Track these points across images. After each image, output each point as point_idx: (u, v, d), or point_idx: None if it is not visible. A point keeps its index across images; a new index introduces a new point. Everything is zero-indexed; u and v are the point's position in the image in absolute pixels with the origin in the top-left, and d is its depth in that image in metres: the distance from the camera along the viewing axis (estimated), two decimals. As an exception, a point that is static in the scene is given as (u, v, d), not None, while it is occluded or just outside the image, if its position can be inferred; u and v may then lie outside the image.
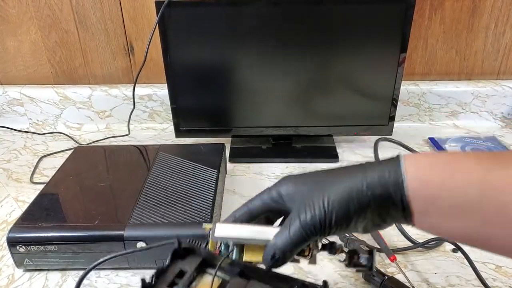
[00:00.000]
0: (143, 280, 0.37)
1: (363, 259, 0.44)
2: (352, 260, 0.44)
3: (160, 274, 0.39)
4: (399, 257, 0.63)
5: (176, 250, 0.42)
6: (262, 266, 0.40)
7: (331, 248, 0.43)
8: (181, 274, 0.40)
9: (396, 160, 0.35)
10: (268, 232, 0.39)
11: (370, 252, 0.44)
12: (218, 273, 0.40)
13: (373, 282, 0.57)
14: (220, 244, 0.41)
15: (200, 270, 0.41)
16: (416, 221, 0.35)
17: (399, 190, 0.33)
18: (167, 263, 0.41)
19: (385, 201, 0.34)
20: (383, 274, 0.56)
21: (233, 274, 0.40)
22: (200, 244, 0.43)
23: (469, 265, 0.60)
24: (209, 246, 0.42)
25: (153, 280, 0.38)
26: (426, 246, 0.64)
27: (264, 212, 0.41)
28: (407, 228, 0.66)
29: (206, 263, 0.41)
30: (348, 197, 0.35)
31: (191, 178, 0.70)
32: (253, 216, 0.41)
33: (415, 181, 0.33)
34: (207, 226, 0.42)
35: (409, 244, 0.64)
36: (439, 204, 0.32)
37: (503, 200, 0.30)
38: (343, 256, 0.44)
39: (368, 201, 0.34)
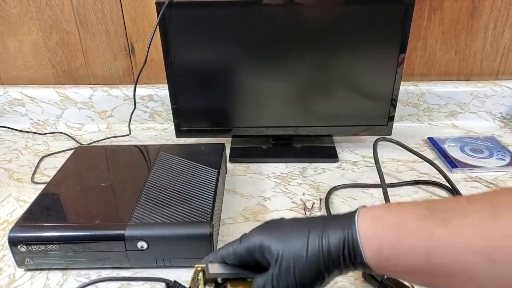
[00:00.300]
0: None
1: None
2: None
3: None
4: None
5: None
6: None
7: None
8: None
9: (351, 225, 0.38)
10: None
11: None
12: None
13: (371, 282, 0.57)
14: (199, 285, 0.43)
15: None
16: (378, 274, 0.40)
17: (359, 258, 0.37)
18: None
19: (348, 267, 0.38)
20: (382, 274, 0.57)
21: None
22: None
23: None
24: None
25: None
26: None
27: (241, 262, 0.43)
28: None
29: None
30: (315, 270, 0.38)
31: (191, 178, 0.70)
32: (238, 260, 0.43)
33: (370, 249, 0.36)
34: (198, 265, 0.45)
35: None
36: (391, 266, 0.35)
37: (447, 261, 0.31)
38: None
39: (331, 269, 0.38)
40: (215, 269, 0.43)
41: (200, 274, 0.44)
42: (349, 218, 0.39)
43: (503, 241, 0.28)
